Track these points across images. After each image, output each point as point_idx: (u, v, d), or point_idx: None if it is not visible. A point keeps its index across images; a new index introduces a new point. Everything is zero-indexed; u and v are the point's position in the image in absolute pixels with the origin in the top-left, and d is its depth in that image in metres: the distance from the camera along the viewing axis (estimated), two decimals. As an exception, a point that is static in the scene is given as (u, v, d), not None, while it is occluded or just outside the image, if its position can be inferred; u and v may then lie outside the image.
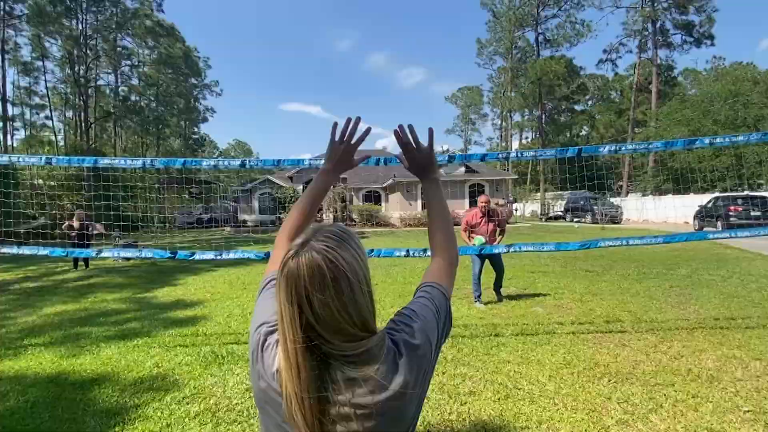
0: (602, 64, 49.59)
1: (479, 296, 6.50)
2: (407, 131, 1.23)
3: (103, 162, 4.31)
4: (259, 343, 0.90)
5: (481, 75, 60.61)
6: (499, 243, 6.52)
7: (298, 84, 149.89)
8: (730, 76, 36.83)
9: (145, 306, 7.02)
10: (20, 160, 5.48)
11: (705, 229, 19.00)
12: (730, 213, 17.97)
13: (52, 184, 23.11)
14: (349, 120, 1.23)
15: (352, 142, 1.26)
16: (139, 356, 4.55)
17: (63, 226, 10.67)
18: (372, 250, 4.38)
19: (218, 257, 4.52)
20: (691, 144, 4.73)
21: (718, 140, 4.73)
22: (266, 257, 4.44)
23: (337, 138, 1.24)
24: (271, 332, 0.90)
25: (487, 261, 6.72)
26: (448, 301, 1.03)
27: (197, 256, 4.47)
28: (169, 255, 4.44)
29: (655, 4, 41.02)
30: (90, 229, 10.70)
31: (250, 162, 4.86)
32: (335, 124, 1.23)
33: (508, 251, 4.98)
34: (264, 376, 0.86)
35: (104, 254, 5.08)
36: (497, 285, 6.82)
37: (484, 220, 6.52)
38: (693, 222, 20.98)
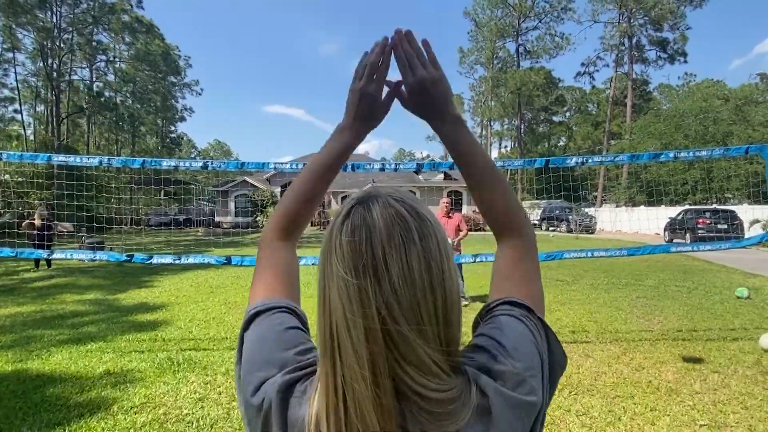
0: (580, 76, 50.67)
1: None
2: (410, 42, 0.74)
3: (57, 159, 4.12)
4: (277, 396, 0.55)
5: (463, 83, 60.92)
6: (461, 239, 7.08)
7: (281, 86, 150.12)
8: (701, 92, 37.96)
9: (105, 308, 6.76)
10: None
11: (675, 240, 19.46)
12: (699, 226, 18.43)
13: (20, 180, 22.33)
14: (377, 46, 0.76)
15: (382, 80, 0.78)
16: (90, 362, 4.36)
17: (23, 224, 10.26)
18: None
19: (177, 261, 4.36)
20: (656, 157, 4.80)
21: (682, 154, 4.80)
22: (227, 262, 4.30)
23: (362, 78, 0.76)
24: (300, 376, 0.57)
25: None
26: (548, 329, 0.64)
27: (155, 260, 4.30)
28: (125, 258, 4.27)
29: (632, 21, 42.11)
30: (52, 228, 10.31)
31: (212, 164, 4.72)
32: (366, 55, 0.77)
33: (474, 261, 4.97)
34: None
35: (57, 255, 4.86)
36: None
37: (446, 220, 7.13)
38: (663, 234, 21.46)
